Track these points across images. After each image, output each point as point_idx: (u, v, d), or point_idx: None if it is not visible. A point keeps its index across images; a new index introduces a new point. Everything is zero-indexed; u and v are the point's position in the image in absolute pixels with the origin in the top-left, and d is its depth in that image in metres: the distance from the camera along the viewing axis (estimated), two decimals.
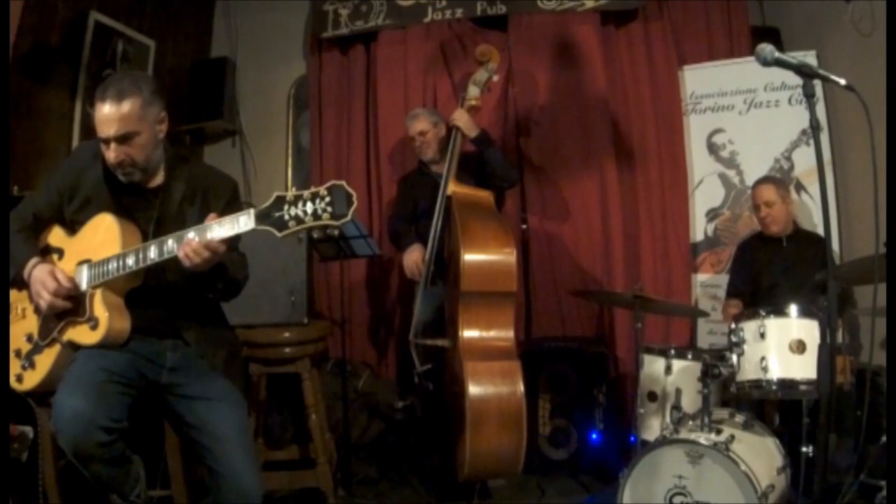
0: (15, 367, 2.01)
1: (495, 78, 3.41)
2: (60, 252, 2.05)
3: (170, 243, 1.85)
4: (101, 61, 3.57)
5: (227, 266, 1.99)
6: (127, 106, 1.89)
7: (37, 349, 1.99)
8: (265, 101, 4.51)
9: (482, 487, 3.11)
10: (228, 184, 2.17)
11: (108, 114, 1.89)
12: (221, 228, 1.83)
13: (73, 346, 1.94)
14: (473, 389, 2.72)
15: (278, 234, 1.76)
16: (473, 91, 3.31)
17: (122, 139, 1.91)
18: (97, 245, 1.95)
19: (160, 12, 4.03)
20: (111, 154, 1.93)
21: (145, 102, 1.94)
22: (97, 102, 1.92)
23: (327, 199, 1.71)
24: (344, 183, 1.72)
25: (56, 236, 2.08)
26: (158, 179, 2.06)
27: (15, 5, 2.94)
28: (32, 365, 1.98)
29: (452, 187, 3.15)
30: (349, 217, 1.71)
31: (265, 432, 3.15)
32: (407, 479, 3.35)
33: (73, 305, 1.95)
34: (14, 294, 2.06)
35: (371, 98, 4.17)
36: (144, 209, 2.03)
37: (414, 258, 3.31)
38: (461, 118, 3.26)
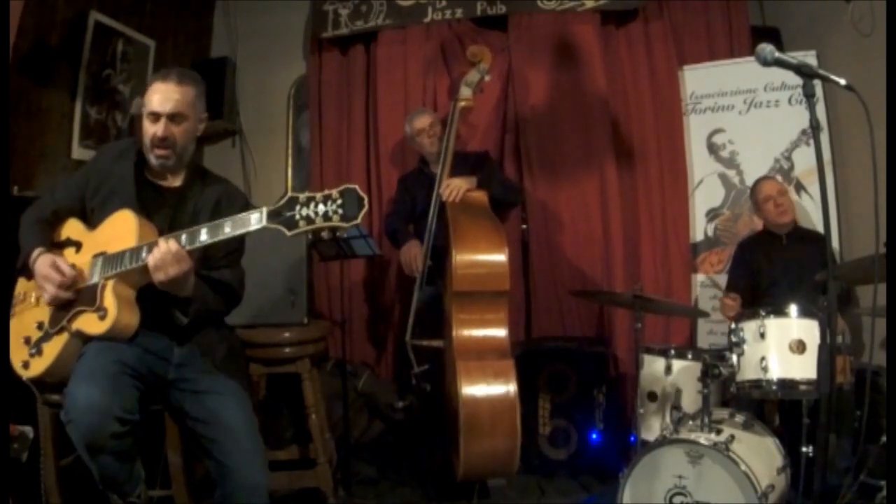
0: (23, 353, 2.02)
1: (487, 78, 3.43)
2: (79, 245, 2.08)
3: (183, 238, 1.88)
4: (101, 61, 3.57)
5: (199, 300, 2.02)
6: (184, 90, 2.05)
7: (46, 337, 2.00)
8: (265, 101, 4.51)
9: (482, 487, 3.11)
10: (240, 198, 2.23)
11: (169, 90, 2.03)
12: (233, 226, 1.85)
13: (81, 336, 1.95)
14: (466, 389, 2.71)
15: (288, 233, 1.78)
16: (466, 92, 3.32)
17: (173, 117, 2.03)
18: (114, 239, 1.98)
19: (160, 12, 4.03)
20: (159, 128, 2.03)
21: (198, 95, 2.11)
22: (156, 82, 2.05)
23: (339, 201, 1.76)
24: (356, 187, 1.77)
25: (75, 230, 2.11)
26: (178, 182, 2.14)
27: (15, 5, 2.94)
28: (40, 352, 1.99)
29: None
30: (359, 219, 1.75)
31: (265, 432, 3.13)
32: (407, 479, 3.35)
33: (82, 295, 1.96)
34: (27, 283, 2.09)
35: (371, 98, 4.17)
36: (162, 208, 2.10)
37: (412, 253, 3.31)
38: (459, 186, 3.12)
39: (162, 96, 2.02)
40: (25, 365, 2.01)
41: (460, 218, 2.98)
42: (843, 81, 1.76)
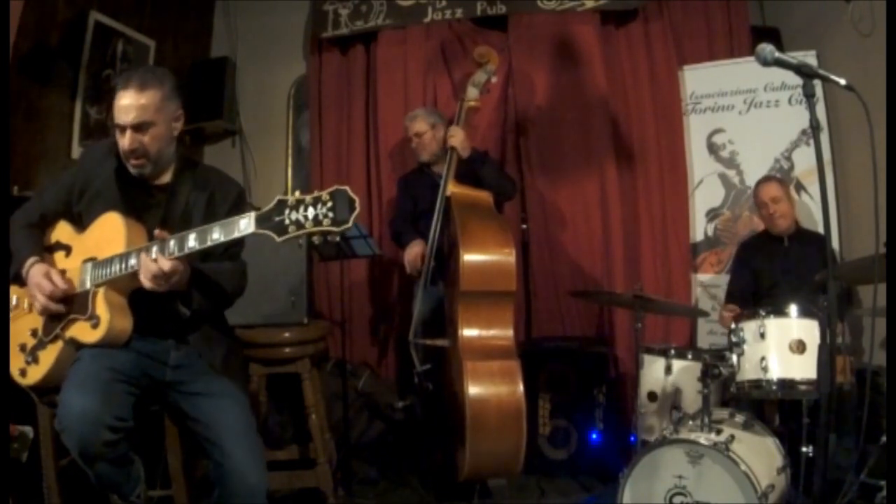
0: (19, 361, 2.02)
1: (494, 79, 3.42)
2: (68, 249, 2.06)
3: (171, 244, 1.85)
4: (101, 61, 3.57)
5: (202, 287, 1.98)
6: (147, 96, 1.95)
7: (41, 345, 2.00)
8: (265, 101, 4.51)
9: (482, 487, 3.11)
10: (235, 188, 2.18)
11: (129, 101, 1.94)
12: (222, 231, 1.82)
13: (75, 344, 1.94)
14: (473, 389, 2.72)
15: (277, 239, 1.73)
16: (472, 93, 3.32)
17: (138, 127, 1.95)
18: (103, 243, 1.96)
19: (160, 12, 4.04)
20: (126, 141, 1.96)
21: (165, 96, 1.99)
22: (119, 90, 1.97)
23: (329, 204, 1.69)
24: (347, 188, 1.70)
25: (64, 233, 2.09)
26: (166, 178, 2.09)
27: (15, 5, 2.94)
28: (36, 360, 1.99)
29: (451, 188, 3.15)
30: (350, 224, 1.69)
31: (265, 432, 3.14)
32: (407, 479, 3.35)
33: (74, 303, 1.95)
34: (20, 290, 2.07)
35: (371, 98, 4.17)
36: (151, 207, 2.06)
37: (415, 252, 3.31)
38: (457, 138, 3.23)
39: (124, 106, 1.94)
40: (23, 373, 2.01)
41: (467, 218, 2.98)
42: (843, 81, 1.76)
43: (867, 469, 2.39)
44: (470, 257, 2.86)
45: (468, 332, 2.87)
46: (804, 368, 2.46)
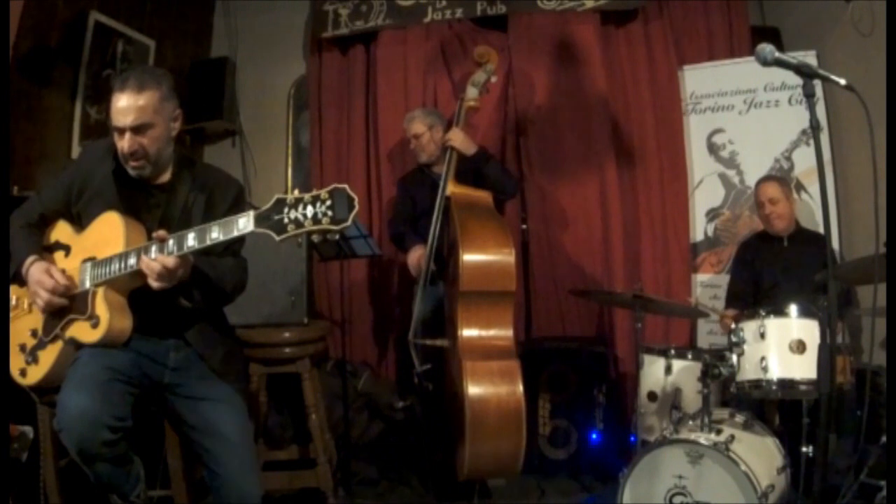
0: (19, 361, 2.02)
1: (493, 79, 3.42)
2: (67, 249, 2.06)
3: (170, 244, 1.85)
4: (101, 61, 3.57)
5: (201, 280, 1.98)
6: (145, 97, 1.93)
7: (41, 345, 2.00)
8: (265, 101, 4.51)
9: (482, 487, 3.11)
10: (234, 186, 2.17)
11: (127, 104, 1.93)
12: (221, 230, 1.82)
13: (75, 344, 1.94)
14: (472, 389, 2.71)
15: (276, 238, 1.72)
16: (472, 92, 3.31)
17: (137, 129, 1.94)
18: (102, 243, 1.96)
19: (160, 12, 4.04)
20: (125, 143, 1.95)
21: (163, 97, 1.98)
22: (116, 92, 1.95)
23: (328, 202, 1.68)
24: (346, 187, 1.69)
25: (63, 233, 2.09)
26: (165, 177, 2.08)
27: (15, 5, 2.95)
28: (36, 360, 1.99)
29: (451, 188, 3.15)
30: (349, 222, 1.68)
31: (265, 432, 3.15)
32: (407, 479, 3.35)
33: (73, 303, 1.95)
34: (20, 290, 2.07)
35: (371, 98, 4.17)
36: (150, 207, 2.05)
37: (418, 255, 3.31)
38: (457, 138, 3.23)
39: (122, 108, 1.92)
40: (23, 373, 2.01)
41: (467, 218, 2.98)
42: (843, 81, 1.76)
43: (867, 469, 2.39)
44: (469, 257, 2.86)
45: (468, 332, 2.87)
46: (804, 368, 2.46)
